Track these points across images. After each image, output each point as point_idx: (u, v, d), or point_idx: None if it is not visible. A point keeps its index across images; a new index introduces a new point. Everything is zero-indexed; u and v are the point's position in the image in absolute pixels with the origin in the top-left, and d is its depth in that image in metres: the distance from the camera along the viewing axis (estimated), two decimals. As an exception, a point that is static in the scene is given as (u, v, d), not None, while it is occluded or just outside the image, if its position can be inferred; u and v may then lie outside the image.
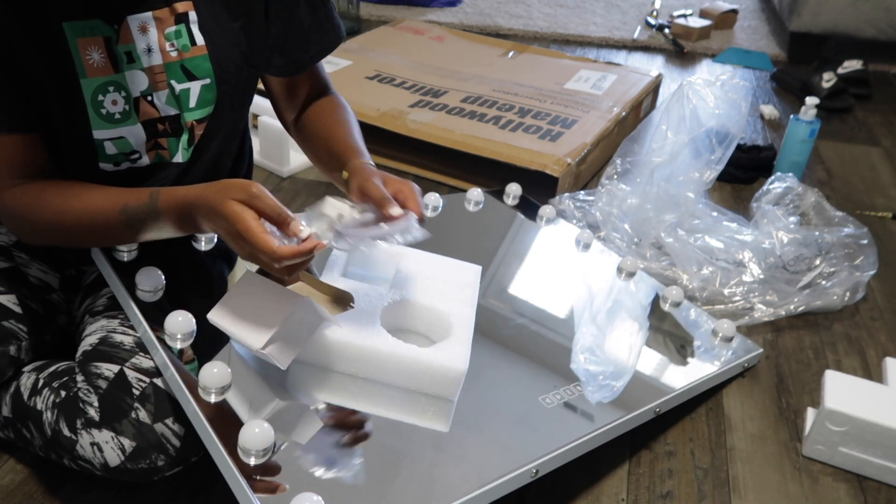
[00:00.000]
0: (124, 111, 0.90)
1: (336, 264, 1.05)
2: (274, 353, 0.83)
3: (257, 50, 0.99)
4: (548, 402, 0.98)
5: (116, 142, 0.91)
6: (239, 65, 0.97)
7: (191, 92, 0.93)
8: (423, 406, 0.93)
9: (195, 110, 0.94)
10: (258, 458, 0.77)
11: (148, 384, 0.87)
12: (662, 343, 1.21)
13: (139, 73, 0.90)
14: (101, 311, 0.97)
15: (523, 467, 0.86)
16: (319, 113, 1.09)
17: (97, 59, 0.86)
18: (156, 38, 0.89)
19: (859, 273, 1.45)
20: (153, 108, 0.92)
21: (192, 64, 0.92)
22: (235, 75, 0.97)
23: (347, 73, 2.08)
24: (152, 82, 0.91)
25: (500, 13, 3.11)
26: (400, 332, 0.98)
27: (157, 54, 0.90)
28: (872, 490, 1.06)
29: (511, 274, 1.28)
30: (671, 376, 1.13)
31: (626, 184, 1.61)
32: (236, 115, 1.02)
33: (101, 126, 0.89)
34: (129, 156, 0.93)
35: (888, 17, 2.58)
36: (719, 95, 1.57)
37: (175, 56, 0.91)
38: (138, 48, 0.89)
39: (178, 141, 0.96)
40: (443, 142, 1.77)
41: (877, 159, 2.08)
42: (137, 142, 0.92)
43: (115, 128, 0.90)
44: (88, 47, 0.86)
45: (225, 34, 0.94)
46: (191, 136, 0.96)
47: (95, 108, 0.88)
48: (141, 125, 0.92)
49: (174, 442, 0.86)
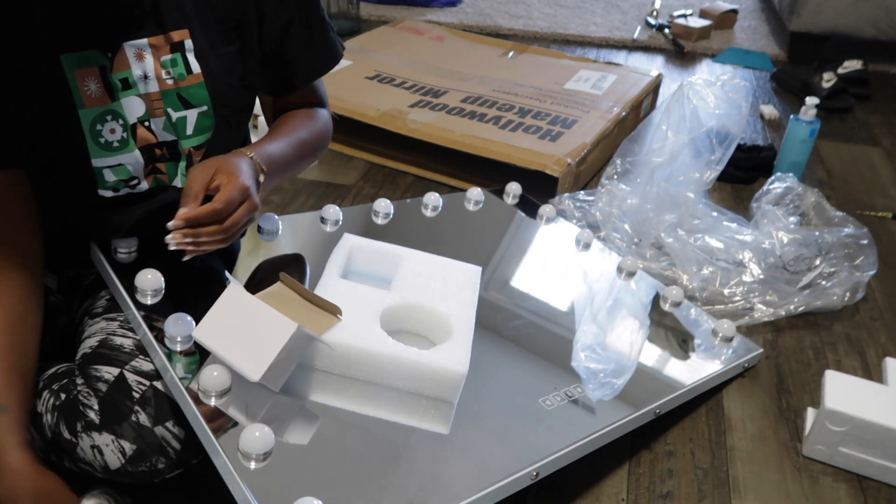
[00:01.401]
0: (122, 139, 0.90)
1: (335, 266, 1.05)
2: (268, 381, 0.84)
3: (253, 72, 0.99)
4: (548, 403, 0.98)
5: (115, 169, 0.91)
6: (237, 88, 0.97)
7: (187, 120, 0.93)
8: (424, 408, 0.93)
9: (192, 137, 0.95)
10: (258, 462, 0.77)
11: (148, 387, 0.87)
12: (662, 343, 1.21)
13: (136, 99, 0.89)
14: (101, 313, 0.97)
15: (524, 470, 0.86)
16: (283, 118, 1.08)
17: (94, 89, 0.86)
18: (152, 66, 0.89)
19: (859, 273, 1.45)
20: (150, 134, 0.92)
21: (188, 92, 0.92)
22: (233, 100, 0.97)
23: (347, 73, 2.08)
24: (149, 108, 0.91)
25: (500, 13, 3.11)
26: (400, 333, 0.98)
27: (154, 82, 0.90)
28: (872, 490, 1.06)
29: (511, 274, 1.28)
30: (671, 377, 1.13)
31: (626, 184, 1.61)
32: (234, 133, 1.02)
33: (99, 155, 0.89)
34: (128, 182, 0.93)
35: (888, 17, 2.58)
36: (719, 95, 1.57)
37: (171, 84, 0.91)
38: (134, 74, 0.88)
39: (177, 166, 0.96)
40: (443, 142, 1.77)
41: (877, 159, 2.08)
42: (136, 168, 0.93)
43: (113, 155, 0.90)
44: (85, 78, 0.86)
45: (221, 60, 0.94)
46: (189, 162, 0.96)
47: (94, 137, 0.88)
48: (139, 151, 0.92)
49: (174, 445, 0.86)
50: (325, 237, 1.21)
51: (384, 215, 1.30)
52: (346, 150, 1.90)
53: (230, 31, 0.94)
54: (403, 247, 1.13)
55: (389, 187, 1.77)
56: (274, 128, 1.06)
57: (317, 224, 1.23)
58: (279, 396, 0.86)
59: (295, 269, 1.12)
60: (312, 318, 0.91)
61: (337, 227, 1.23)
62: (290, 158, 1.02)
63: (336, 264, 1.06)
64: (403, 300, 1.01)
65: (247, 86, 0.99)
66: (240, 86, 0.98)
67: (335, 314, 0.93)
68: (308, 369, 0.92)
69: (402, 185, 1.78)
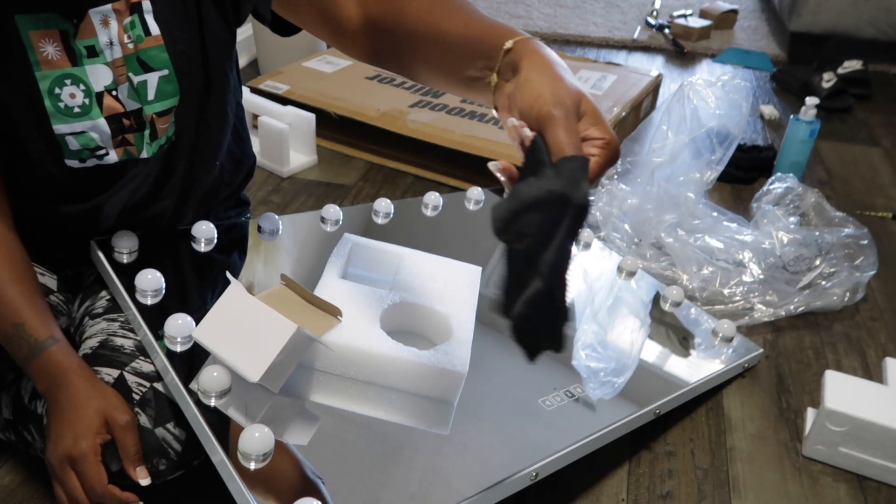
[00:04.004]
0: (84, 105, 0.87)
1: (335, 266, 1.05)
2: (267, 382, 0.83)
3: (228, 20, 0.92)
4: (548, 403, 0.98)
5: (79, 137, 0.88)
6: (206, 52, 0.92)
7: (148, 84, 0.89)
8: (424, 409, 0.93)
9: (154, 103, 0.91)
10: (258, 463, 0.77)
11: (148, 389, 0.87)
12: (662, 343, 1.21)
13: (103, 66, 0.87)
14: (101, 314, 0.97)
15: (523, 470, 0.87)
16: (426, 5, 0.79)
17: (52, 51, 0.84)
18: (116, 31, 0.86)
19: (859, 273, 1.45)
20: (118, 103, 0.89)
21: (147, 55, 0.88)
22: (201, 64, 0.92)
23: (347, 73, 2.08)
24: (115, 76, 0.88)
25: (500, 13, 3.11)
26: (400, 333, 0.98)
27: (118, 47, 0.87)
28: (872, 490, 1.06)
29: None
30: (671, 377, 1.13)
31: (626, 184, 1.61)
32: (211, 107, 0.97)
33: (60, 120, 0.87)
34: (95, 152, 0.90)
35: (888, 17, 2.58)
36: (720, 96, 1.57)
37: (132, 48, 0.87)
38: (101, 42, 0.86)
39: (143, 136, 0.92)
40: (443, 142, 1.77)
41: (877, 159, 2.08)
42: (102, 137, 0.90)
43: (75, 121, 0.87)
44: (42, 40, 0.83)
45: (183, 22, 0.89)
46: (153, 129, 0.92)
47: (53, 101, 0.85)
48: (106, 120, 0.89)
49: (175, 446, 0.86)
50: (325, 237, 1.21)
51: (384, 215, 1.30)
52: (346, 150, 1.90)
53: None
54: (403, 247, 1.13)
55: (389, 187, 1.77)
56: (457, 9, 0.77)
57: (317, 224, 1.23)
58: (279, 397, 0.87)
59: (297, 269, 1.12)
60: (312, 320, 0.91)
61: (337, 226, 1.23)
62: None
63: (336, 264, 1.06)
64: (403, 300, 1.01)
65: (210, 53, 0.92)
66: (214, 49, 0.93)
67: (335, 315, 0.93)
68: (308, 370, 0.92)
69: (402, 185, 1.78)
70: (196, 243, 1.08)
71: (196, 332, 0.86)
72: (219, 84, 0.96)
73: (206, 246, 1.08)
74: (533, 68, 0.68)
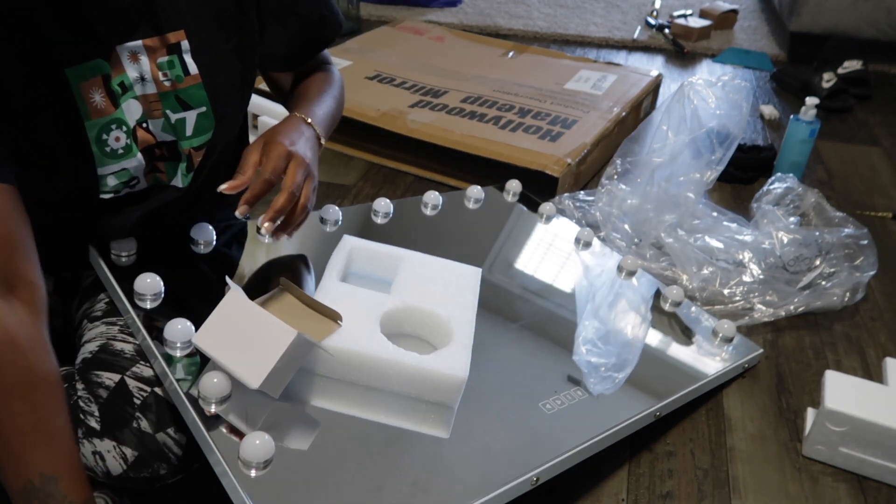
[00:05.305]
0: (126, 145, 0.90)
1: (335, 269, 1.05)
2: (268, 388, 0.83)
3: (252, 66, 0.99)
4: (548, 407, 0.98)
5: (118, 174, 0.91)
6: (237, 87, 0.97)
7: (187, 121, 0.93)
8: (424, 413, 0.92)
9: (192, 138, 0.94)
10: (259, 470, 0.77)
11: (149, 393, 0.87)
12: (662, 344, 1.21)
13: (133, 101, 0.89)
14: (100, 317, 0.97)
15: (524, 476, 0.86)
16: (307, 82, 1.11)
17: (98, 100, 0.86)
18: (148, 68, 0.88)
19: (859, 273, 1.45)
20: (149, 135, 0.91)
21: (186, 94, 0.91)
22: (233, 99, 0.97)
23: (347, 73, 2.07)
24: (146, 110, 0.90)
25: (500, 13, 3.11)
26: (400, 337, 0.98)
27: (151, 84, 0.89)
28: (872, 490, 1.06)
29: (511, 274, 1.28)
30: (671, 378, 1.13)
31: (626, 184, 1.61)
32: (233, 131, 1.02)
33: (104, 163, 0.89)
34: (129, 183, 0.93)
35: (888, 17, 2.58)
36: (720, 96, 1.57)
37: (169, 86, 0.90)
38: (130, 77, 0.88)
39: (177, 166, 0.95)
40: (443, 142, 1.77)
41: (877, 159, 2.08)
42: (137, 170, 0.92)
43: (118, 162, 0.90)
44: (90, 90, 0.85)
45: (219, 60, 0.94)
46: (189, 162, 0.96)
47: (100, 147, 0.87)
48: (141, 153, 0.91)
49: (176, 450, 0.86)
50: (324, 237, 1.21)
51: (384, 215, 1.30)
52: (346, 150, 1.90)
53: (228, 26, 0.94)
54: (403, 248, 1.13)
55: (389, 187, 1.77)
56: (303, 93, 1.09)
57: (317, 224, 1.23)
58: (279, 403, 0.86)
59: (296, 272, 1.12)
60: (312, 325, 0.91)
61: (337, 227, 1.23)
62: (331, 119, 1.08)
63: (336, 267, 1.05)
64: (403, 303, 1.01)
65: (246, 82, 0.99)
66: (240, 84, 0.97)
67: (335, 320, 0.93)
68: (308, 374, 0.92)
69: (402, 185, 1.78)
70: (195, 245, 1.08)
71: (196, 338, 0.86)
72: (244, 107, 1.03)
73: (205, 248, 1.08)
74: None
